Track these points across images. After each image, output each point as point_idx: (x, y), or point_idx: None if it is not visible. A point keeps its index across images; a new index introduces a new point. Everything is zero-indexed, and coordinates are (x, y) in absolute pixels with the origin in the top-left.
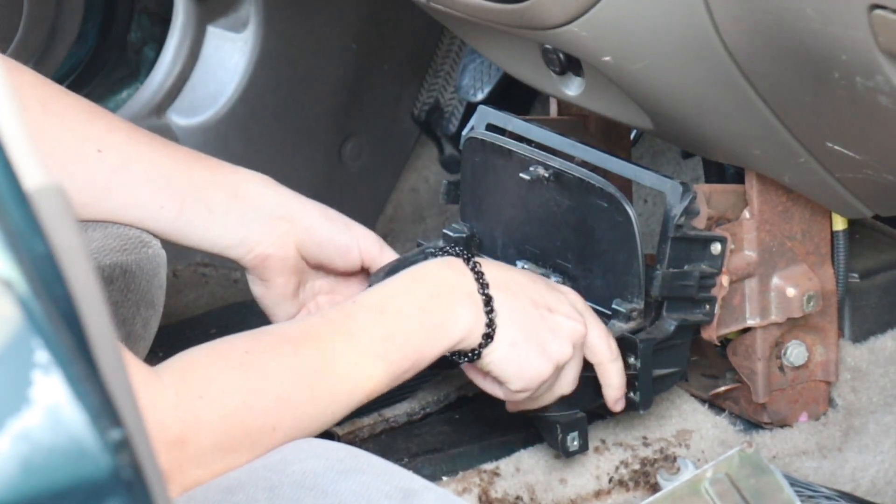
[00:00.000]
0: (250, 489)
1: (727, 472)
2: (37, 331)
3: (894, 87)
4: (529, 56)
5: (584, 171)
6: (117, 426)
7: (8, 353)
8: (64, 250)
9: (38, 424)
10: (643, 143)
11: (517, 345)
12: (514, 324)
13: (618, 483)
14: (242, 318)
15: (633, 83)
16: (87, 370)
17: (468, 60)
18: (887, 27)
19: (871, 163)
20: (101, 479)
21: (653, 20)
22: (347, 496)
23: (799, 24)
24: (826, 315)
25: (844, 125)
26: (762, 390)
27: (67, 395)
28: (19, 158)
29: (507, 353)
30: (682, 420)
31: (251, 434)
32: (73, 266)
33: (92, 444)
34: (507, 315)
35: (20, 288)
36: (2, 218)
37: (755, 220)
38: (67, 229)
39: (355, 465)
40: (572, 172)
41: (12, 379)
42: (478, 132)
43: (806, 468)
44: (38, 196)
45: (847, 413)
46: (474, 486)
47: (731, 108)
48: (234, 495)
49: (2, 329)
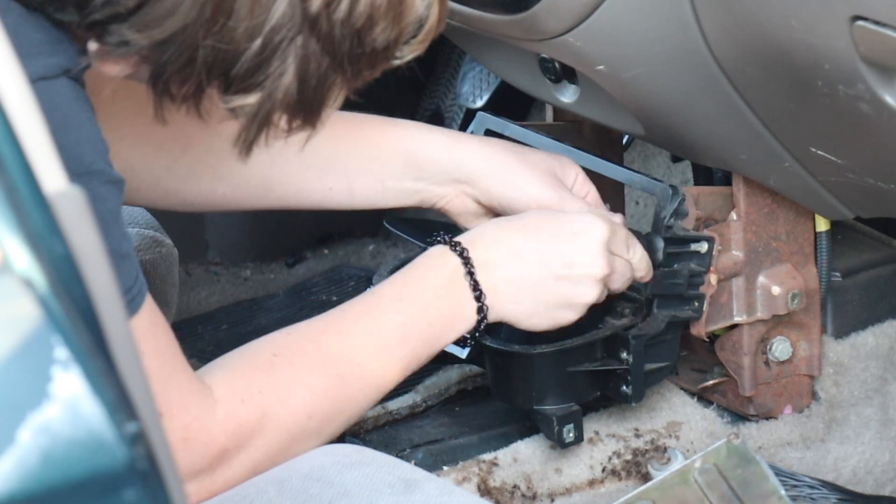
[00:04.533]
0: (260, 482)
1: (715, 462)
2: (56, 328)
3: (875, 94)
4: (526, 65)
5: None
6: (133, 419)
7: (29, 350)
8: (82, 251)
9: (57, 418)
10: (635, 148)
11: (538, 314)
12: (527, 295)
13: (611, 473)
14: (252, 315)
15: (625, 91)
16: (104, 366)
17: (468, 69)
18: (868, 37)
19: (852, 167)
20: (117, 470)
21: (644, 31)
22: (352, 486)
23: (784, 35)
24: (809, 312)
25: (827, 131)
26: (748, 384)
27: (85, 389)
28: (40, 163)
29: (533, 322)
30: (673, 412)
31: (287, 426)
32: (91, 266)
33: (109, 437)
34: (517, 291)
35: (40, 287)
36: (23, 220)
37: (742, 221)
38: (85, 231)
39: (360, 459)
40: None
41: (33, 374)
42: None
43: (790, 458)
44: (58, 199)
45: (829, 406)
46: (473, 475)
47: (718, 114)
48: (245, 488)
49: (23, 326)
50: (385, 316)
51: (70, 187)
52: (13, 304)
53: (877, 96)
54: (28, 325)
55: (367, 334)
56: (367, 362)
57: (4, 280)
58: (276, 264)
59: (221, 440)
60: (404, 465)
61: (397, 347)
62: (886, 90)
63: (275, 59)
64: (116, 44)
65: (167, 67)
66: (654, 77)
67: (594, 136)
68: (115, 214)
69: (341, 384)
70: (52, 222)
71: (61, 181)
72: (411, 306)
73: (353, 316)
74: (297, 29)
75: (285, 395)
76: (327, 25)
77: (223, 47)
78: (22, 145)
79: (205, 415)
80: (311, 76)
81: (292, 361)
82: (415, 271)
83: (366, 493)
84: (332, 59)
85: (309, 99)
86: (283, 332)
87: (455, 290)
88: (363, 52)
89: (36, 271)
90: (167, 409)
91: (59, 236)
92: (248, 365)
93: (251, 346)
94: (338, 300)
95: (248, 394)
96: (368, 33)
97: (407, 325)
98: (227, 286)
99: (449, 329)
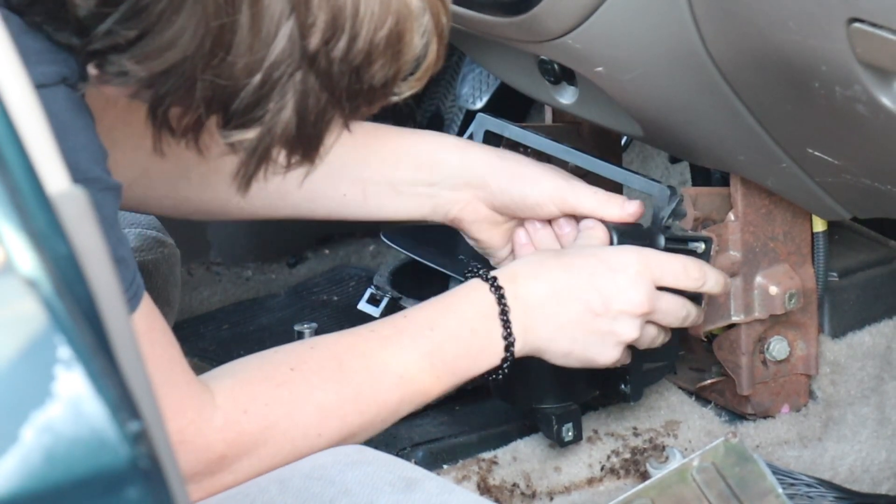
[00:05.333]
0: (262, 481)
1: (713, 460)
2: (59, 328)
3: (871, 96)
4: (526, 67)
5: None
6: (135, 418)
7: (32, 350)
8: (85, 251)
9: (60, 417)
10: (633, 149)
11: (573, 352)
12: (563, 332)
13: (609, 471)
14: (253, 315)
15: (623, 92)
16: (107, 365)
17: (467, 70)
18: (864, 39)
19: (849, 168)
20: (120, 468)
21: (643, 33)
22: (354, 485)
23: (781, 37)
24: (807, 312)
25: (824, 132)
26: (746, 383)
27: (88, 389)
28: (43, 164)
29: (568, 360)
30: (671, 411)
31: (294, 440)
32: (94, 266)
33: (111, 436)
34: (553, 328)
35: (44, 287)
36: (26, 221)
37: (739, 221)
38: (88, 231)
39: (361, 458)
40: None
41: (36, 374)
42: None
43: (787, 457)
44: (61, 200)
45: (826, 405)
46: (473, 473)
47: (716, 116)
48: (247, 487)
49: (26, 327)
50: (414, 343)
51: (73, 188)
52: (17, 305)
53: (873, 98)
54: (31, 325)
55: (392, 359)
56: (386, 387)
57: (8, 281)
58: (277, 264)
59: (219, 447)
60: (405, 463)
61: (420, 375)
62: (883, 92)
63: (274, 94)
64: (115, 73)
65: (166, 99)
66: (652, 79)
67: (593, 137)
68: (112, 220)
69: (357, 406)
70: (55, 223)
71: (64, 182)
72: (441, 337)
73: (380, 338)
74: (297, 65)
75: (294, 411)
76: (326, 62)
77: (222, 82)
78: (25, 146)
79: (201, 419)
80: (309, 112)
81: (309, 377)
82: (450, 302)
83: (367, 491)
84: (330, 94)
85: (308, 134)
86: (306, 345)
87: (487, 327)
88: (361, 89)
89: (39, 272)
90: (163, 411)
91: (62, 237)
92: (260, 376)
93: (270, 355)
94: (338, 300)
95: (254, 405)
96: (367, 70)
97: (434, 354)
98: (228, 286)
99: (476, 363)
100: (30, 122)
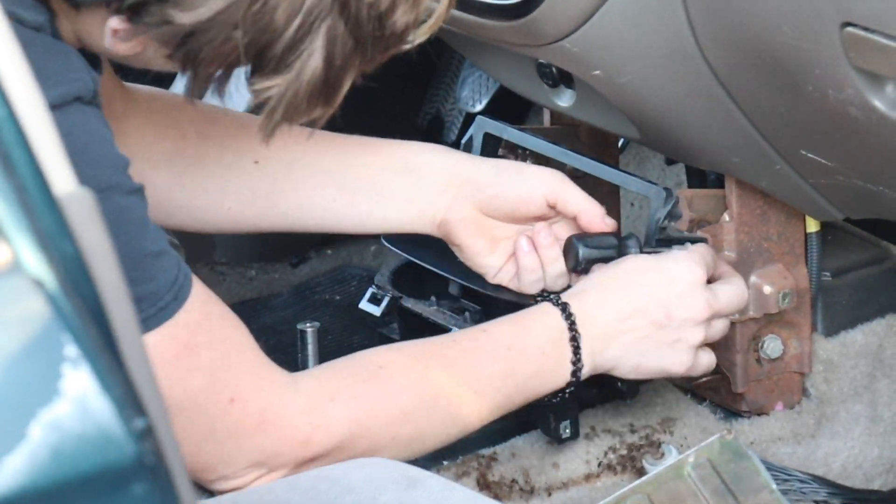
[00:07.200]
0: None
1: (708, 457)
2: (66, 327)
3: (864, 99)
4: (524, 70)
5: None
6: (141, 415)
7: (39, 348)
8: (91, 251)
9: (67, 414)
10: (630, 151)
11: (643, 365)
12: (632, 348)
13: (606, 467)
14: (257, 314)
15: (620, 95)
16: (113, 363)
17: (467, 74)
18: (857, 43)
19: (842, 169)
20: (126, 465)
21: (639, 37)
22: (359, 483)
23: (775, 41)
24: (800, 311)
25: (817, 134)
26: (741, 381)
27: (95, 386)
28: (50, 166)
29: (640, 372)
30: (667, 409)
31: (372, 438)
32: (100, 266)
33: (118, 433)
34: (620, 349)
35: (50, 287)
36: (33, 221)
37: (734, 222)
38: (95, 231)
39: (366, 460)
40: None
41: (43, 372)
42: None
43: (781, 453)
44: (67, 201)
45: (820, 402)
46: (473, 469)
47: (712, 118)
48: (255, 486)
49: (33, 325)
50: (491, 358)
51: (79, 189)
52: (24, 304)
53: (865, 101)
54: (38, 323)
55: (470, 372)
56: (461, 399)
57: (15, 280)
58: (280, 264)
59: (305, 429)
60: (407, 465)
61: (493, 392)
62: (875, 95)
63: (307, 40)
64: (157, 23)
65: (204, 48)
66: (648, 82)
67: (590, 139)
68: (145, 219)
69: (430, 413)
70: (61, 223)
71: (71, 182)
72: (517, 356)
73: (461, 350)
74: (328, 10)
75: (378, 408)
76: (355, 8)
77: (262, 28)
78: (32, 147)
79: (281, 399)
80: (336, 58)
81: (395, 377)
82: (526, 322)
83: (371, 488)
84: (355, 41)
85: (332, 81)
86: (393, 348)
87: (558, 350)
88: (383, 35)
89: (46, 271)
90: (236, 394)
91: (69, 237)
92: (348, 370)
93: (358, 355)
94: (340, 299)
95: (340, 395)
96: (390, 16)
97: (508, 373)
98: (232, 286)
99: (544, 384)
100: (36, 122)
